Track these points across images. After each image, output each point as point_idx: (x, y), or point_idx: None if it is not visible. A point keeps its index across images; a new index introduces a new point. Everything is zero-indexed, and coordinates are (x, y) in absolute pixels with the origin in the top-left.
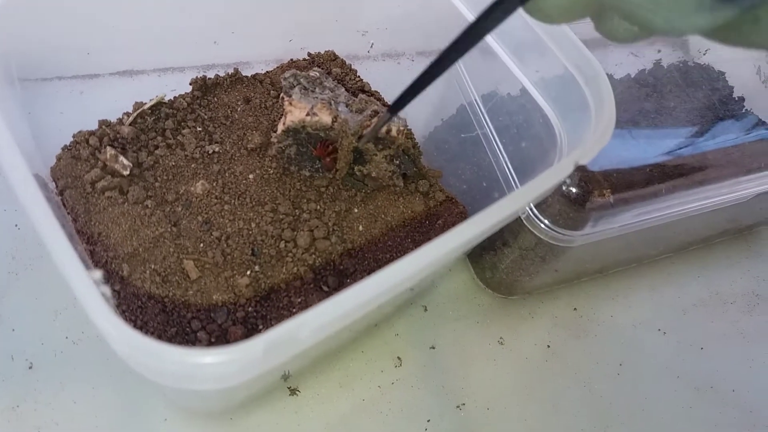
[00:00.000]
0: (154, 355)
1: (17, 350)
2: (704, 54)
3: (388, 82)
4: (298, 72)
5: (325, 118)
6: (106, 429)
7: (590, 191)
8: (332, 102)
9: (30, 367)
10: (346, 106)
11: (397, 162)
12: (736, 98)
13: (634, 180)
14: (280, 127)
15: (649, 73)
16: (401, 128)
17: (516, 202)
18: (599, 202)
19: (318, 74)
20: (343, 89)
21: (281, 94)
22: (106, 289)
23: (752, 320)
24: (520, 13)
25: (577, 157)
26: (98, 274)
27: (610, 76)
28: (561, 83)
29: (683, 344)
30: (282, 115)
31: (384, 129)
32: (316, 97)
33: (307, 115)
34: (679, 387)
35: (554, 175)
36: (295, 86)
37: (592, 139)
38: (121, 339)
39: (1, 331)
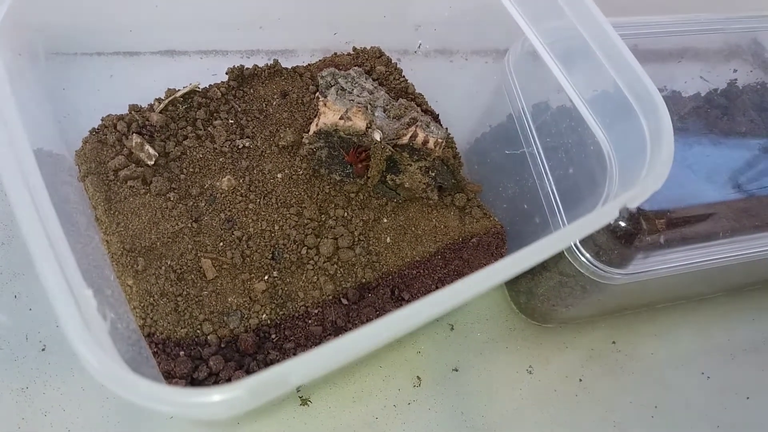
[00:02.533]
0: (134, 390)
1: (32, 330)
2: None
3: (438, 82)
4: (336, 71)
5: (359, 123)
6: (112, 420)
7: (640, 228)
8: (369, 106)
9: (43, 349)
10: (384, 111)
11: (433, 174)
12: None
13: (691, 219)
14: (313, 128)
15: (722, 93)
16: (439, 140)
17: (557, 243)
18: (648, 240)
19: (357, 74)
20: (383, 92)
21: (317, 93)
22: (95, 311)
23: None
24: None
25: (626, 200)
26: (89, 293)
27: (677, 94)
28: (617, 109)
29: (728, 391)
30: (316, 115)
31: (420, 140)
32: (352, 100)
33: (341, 118)
34: None
35: (600, 218)
36: (331, 86)
37: (644, 183)
38: (102, 371)
39: (18, 310)
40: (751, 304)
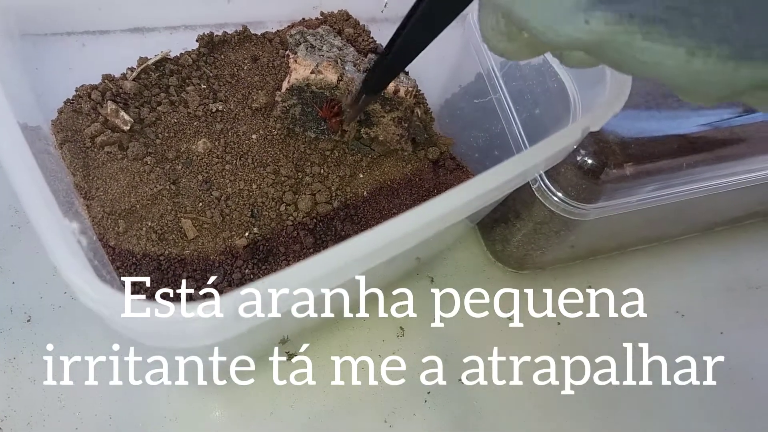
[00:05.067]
0: (118, 307)
1: (16, 303)
2: None
3: None
4: (305, 29)
5: (330, 76)
6: (99, 385)
7: (605, 162)
8: (339, 60)
9: (28, 320)
10: (354, 66)
11: (406, 125)
12: None
13: (654, 152)
14: (285, 86)
15: None
16: (410, 89)
17: (521, 163)
18: (615, 174)
19: (326, 32)
20: (353, 48)
21: (287, 51)
22: (76, 235)
23: None
24: None
25: (588, 122)
26: (75, 224)
27: None
28: None
29: (702, 328)
30: (287, 73)
31: (391, 89)
32: (322, 55)
33: (312, 72)
34: (695, 371)
35: (562, 138)
36: (300, 43)
37: (603, 105)
38: (81, 286)
39: (1, 284)
40: (720, 245)
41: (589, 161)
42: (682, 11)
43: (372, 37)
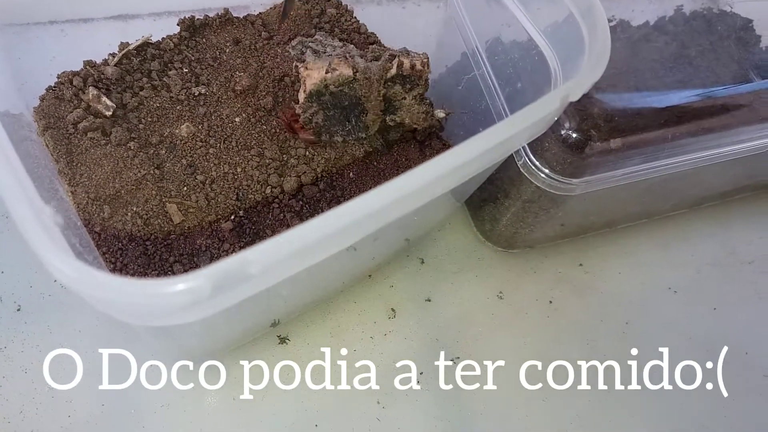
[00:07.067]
0: (92, 282)
1: (6, 292)
2: None
3: (392, 29)
4: (303, 38)
5: (346, 70)
6: (91, 373)
7: (590, 136)
8: (347, 56)
9: (18, 310)
10: (361, 57)
11: (428, 101)
12: (765, 48)
13: (639, 125)
14: (301, 96)
15: (670, 20)
16: (424, 60)
17: (498, 133)
18: (599, 147)
19: (323, 37)
20: (352, 45)
21: (294, 63)
22: (53, 217)
23: None
24: None
25: (566, 91)
26: (51, 206)
27: (626, 23)
28: (557, 16)
29: (695, 304)
30: (301, 83)
31: (408, 66)
32: (330, 55)
33: (327, 72)
34: (689, 348)
35: (540, 108)
36: (305, 51)
37: (581, 74)
38: (56, 265)
39: None
40: (711, 220)
41: (574, 135)
42: None
43: (355, 17)
